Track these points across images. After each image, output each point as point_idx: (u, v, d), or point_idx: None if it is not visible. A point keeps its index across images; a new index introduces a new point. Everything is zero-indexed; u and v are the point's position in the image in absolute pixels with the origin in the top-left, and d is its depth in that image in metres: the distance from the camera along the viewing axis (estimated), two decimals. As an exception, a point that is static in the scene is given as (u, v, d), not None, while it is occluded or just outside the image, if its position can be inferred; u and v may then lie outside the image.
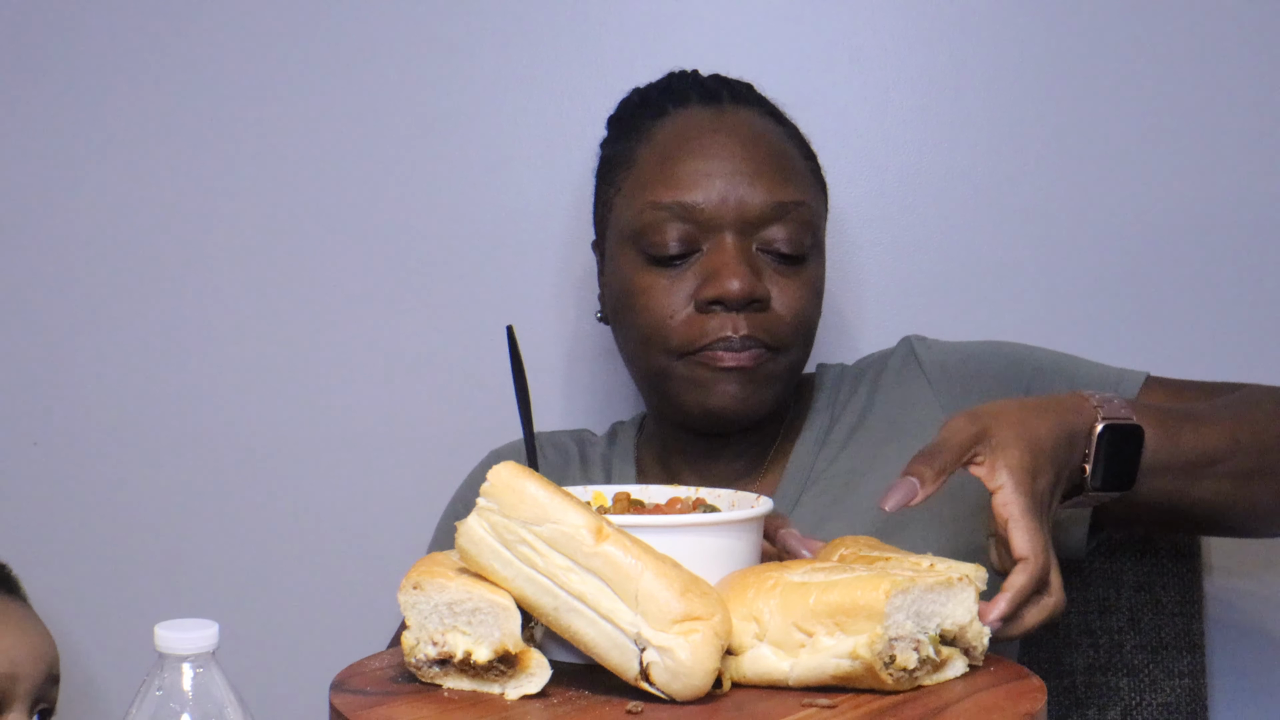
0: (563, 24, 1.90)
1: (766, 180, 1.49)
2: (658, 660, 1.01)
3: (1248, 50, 1.86)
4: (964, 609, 1.09)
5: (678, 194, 1.48)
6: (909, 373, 1.56)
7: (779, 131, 1.55)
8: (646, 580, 1.02)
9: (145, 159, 1.90)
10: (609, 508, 1.24)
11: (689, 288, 1.48)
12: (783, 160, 1.52)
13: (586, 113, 1.87)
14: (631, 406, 1.89)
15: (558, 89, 1.90)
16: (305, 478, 1.91)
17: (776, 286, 1.49)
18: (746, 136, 1.51)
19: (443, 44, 1.90)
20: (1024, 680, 1.10)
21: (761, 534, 1.19)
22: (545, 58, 1.90)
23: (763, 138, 1.52)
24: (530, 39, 1.90)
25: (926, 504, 1.17)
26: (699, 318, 1.47)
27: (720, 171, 1.49)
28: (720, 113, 1.53)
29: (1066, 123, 1.87)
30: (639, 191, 1.51)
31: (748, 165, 1.49)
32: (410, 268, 1.91)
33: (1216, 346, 1.87)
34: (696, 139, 1.51)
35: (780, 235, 1.49)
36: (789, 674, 1.07)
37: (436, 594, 1.06)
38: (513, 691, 1.05)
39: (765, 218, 1.48)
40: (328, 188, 1.91)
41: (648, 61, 1.87)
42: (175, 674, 0.99)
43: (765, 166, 1.50)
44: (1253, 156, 1.86)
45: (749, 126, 1.53)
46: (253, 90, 1.91)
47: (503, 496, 1.04)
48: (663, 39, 1.89)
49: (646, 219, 1.49)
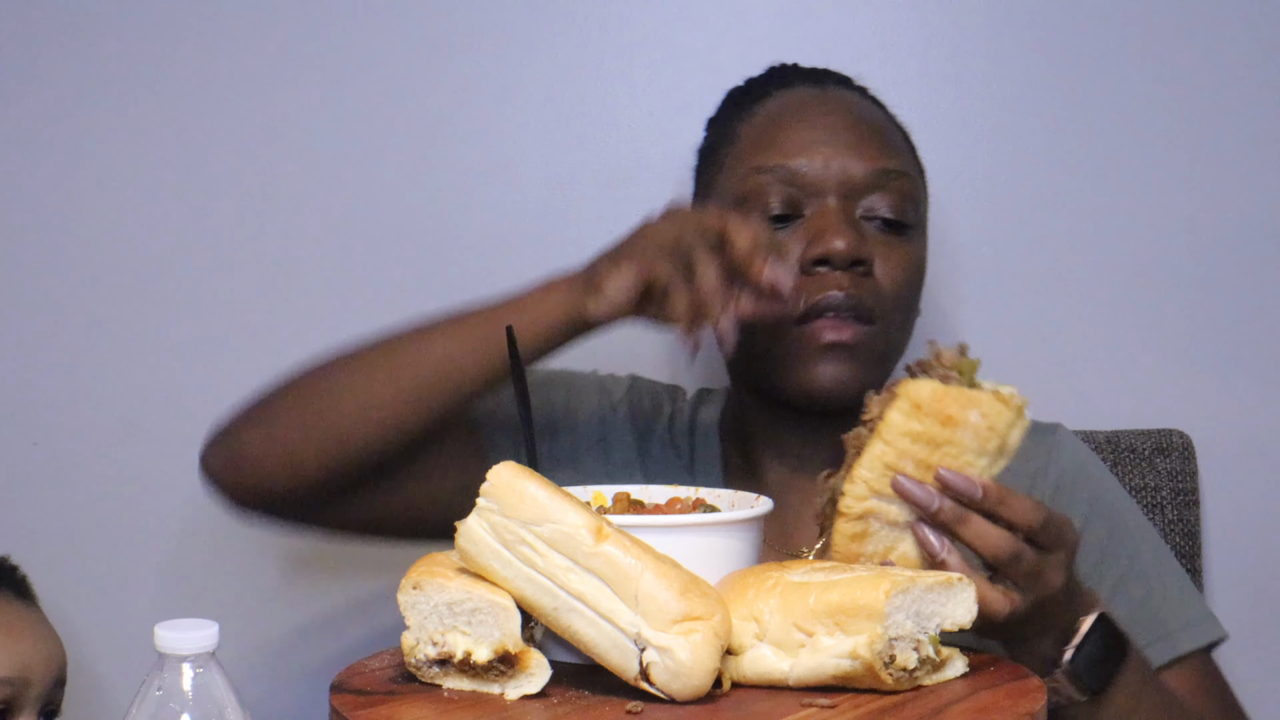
0: (563, 24, 1.90)
1: (870, 149, 1.48)
2: (658, 660, 1.01)
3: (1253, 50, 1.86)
4: (964, 608, 1.09)
5: (782, 158, 1.47)
6: (1035, 449, 1.51)
7: (883, 114, 1.55)
8: (646, 580, 1.02)
9: (145, 159, 1.90)
10: (609, 508, 1.24)
11: (793, 252, 1.45)
12: (886, 135, 1.52)
13: (587, 113, 1.87)
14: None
15: (558, 89, 1.90)
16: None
17: (879, 255, 1.46)
18: (850, 110, 1.52)
19: (443, 44, 1.90)
20: (1024, 680, 1.10)
21: (761, 534, 1.19)
22: (545, 58, 1.90)
23: (867, 113, 1.53)
24: (530, 39, 1.89)
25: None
26: (803, 280, 1.43)
27: (824, 139, 1.48)
28: (824, 90, 1.54)
29: (1066, 123, 1.87)
30: (741, 161, 1.50)
31: (851, 134, 1.49)
32: (410, 268, 1.90)
33: (1218, 345, 1.87)
34: (800, 110, 1.51)
35: (883, 203, 1.47)
36: (789, 674, 1.07)
37: (436, 594, 1.06)
38: (513, 691, 1.05)
39: (869, 184, 1.47)
40: (329, 189, 1.91)
41: (648, 61, 1.88)
42: (175, 674, 0.99)
43: (869, 137, 1.49)
44: (1254, 157, 1.86)
45: (853, 103, 1.53)
46: (253, 90, 1.90)
47: (503, 496, 1.05)
48: (663, 39, 1.89)
49: (750, 184, 1.48)
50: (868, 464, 1.15)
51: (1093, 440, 1.78)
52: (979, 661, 1.13)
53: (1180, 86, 1.87)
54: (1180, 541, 1.77)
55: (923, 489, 1.15)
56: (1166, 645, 1.47)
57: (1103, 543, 1.48)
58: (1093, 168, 1.88)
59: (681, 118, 1.86)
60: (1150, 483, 1.77)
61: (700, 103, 1.88)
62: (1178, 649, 1.48)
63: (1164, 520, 1.76)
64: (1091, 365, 1.87)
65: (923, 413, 1.15)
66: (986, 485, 1.15)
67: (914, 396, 1.15)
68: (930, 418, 1.15)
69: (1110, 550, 1.48)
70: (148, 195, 1.90)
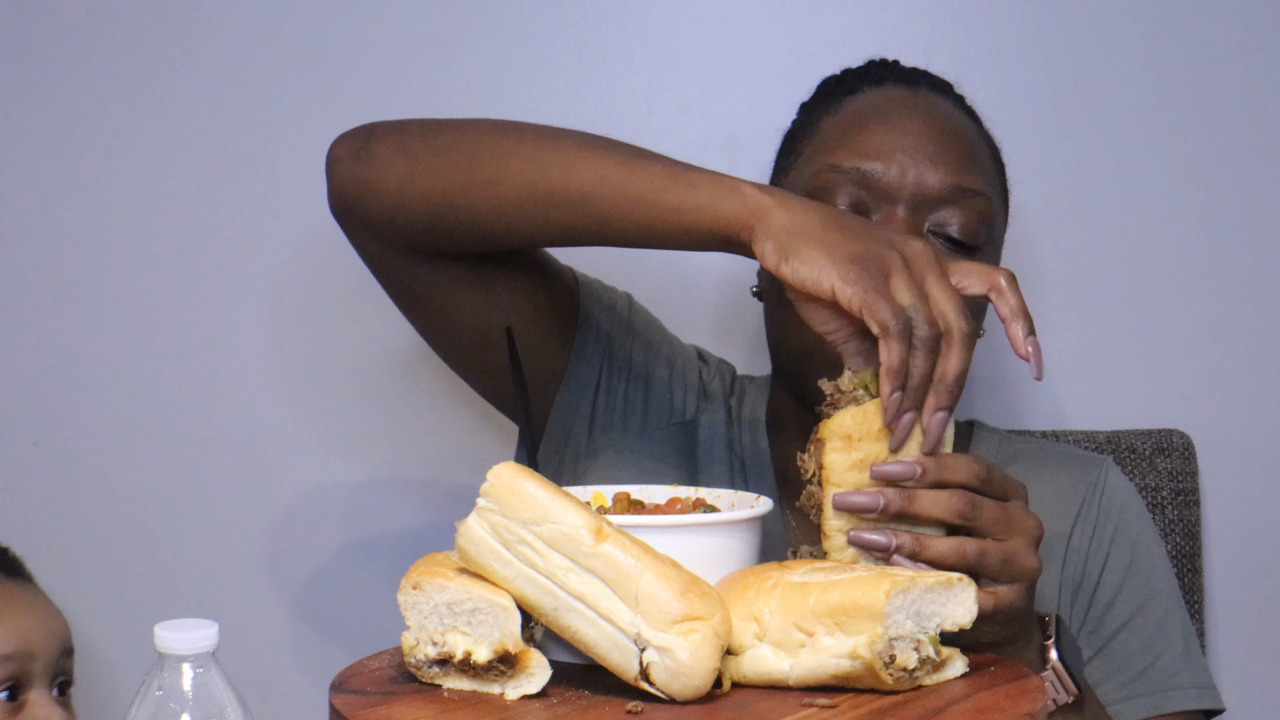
0: (563, 24, 1.90)
1: (949, 162, 1.43)
2: (658, 660, 1.01)
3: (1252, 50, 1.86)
4: (964, 609, 1.09)
5: (857, 160, 1.43)
6: (1078, 483, 1.50)
7: (972, 127, 1.50)
8: (646, 580, 1.02)
9: (146, 158, 1.90)
10: (609, 508, 1.24)
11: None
12: (970, 150, 1.46)
13: (587, 112, 1.87)
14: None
15: (558, 89, 1.90)
16: (306, 477, 1.91)
17: None
18: (936, 118, 1.46)
19: (443, 44, 1.90)
20: (1024, 680, 1.10)
21: (761, 534, 1.19)
22: (545, 58, 1.90)
23: (953, 124, 1.47)
24: (530, 39, 1.90)
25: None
26: None
27: (903, 145, 1.43)
28: (915, 93, 1.49)
29: (1066, 123, 1.88)
30: (818, 155, 1.46)
31: (932, 145, 1.43)
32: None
33: (1218, 346, 1.88)
34: (885, 112, 1.46)
35: (954, 220, 1.42)
36: (789, 674, 1.07)
37: (436, 594, 1.06)
38: (513, 691, 1.05)
39: (941, 199, 1.42)
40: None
41: (648, 61, 1.88)
42: (175, 674, 0.99)
43: (950, 150, 1.44)
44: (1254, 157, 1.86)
45: (942, 111, 1.48)
46: (254, 90, 1.90)
47: (503, 496, 1.04)
48: (663, 39, 1.89)
49: (821, 180, 1.44)
50: (831, 514, 1.16)
51: (1093, 440, 1.78)
52: (979, 661, 1.13)
53: (1181, 86, 1.87)
54: (1180, 541, 1.77)
55: (866, 496, 1.14)
56: (1160, 698, 1.45)
57: (1140, 594, 1.47)
58: (1093, 168, 1.88)
59: (681, 118, 1.86)
60: (1150, 483, 1.77)
61: (701, 102, 1.89)
62: (1170, 705, 1.45)
63: (1164, 520, 1.76)
64: (1091, 365, 1.88)
65: (854, 440, 1.15)
66: (921, 460, 1.14)
67: (840, 431, 1.15)
68: (864, 440, 1.15)
69: (1147, 600, 1.47)
70: (148, 195, 1.91)
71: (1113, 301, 1.87)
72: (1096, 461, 1.54)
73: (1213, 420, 1.85)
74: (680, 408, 1.56)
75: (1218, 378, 1.87)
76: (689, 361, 1.60)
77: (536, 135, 1.33)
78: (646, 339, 1.57)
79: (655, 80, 1.89)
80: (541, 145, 1.31)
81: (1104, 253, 1.87)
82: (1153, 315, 1.87)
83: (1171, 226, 1.87)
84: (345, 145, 1.39)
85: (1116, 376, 1.88)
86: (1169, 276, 1.87)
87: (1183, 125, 1.87)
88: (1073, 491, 1.50)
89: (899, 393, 1.13)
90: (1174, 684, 1.45)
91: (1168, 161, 1.87)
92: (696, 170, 1.24)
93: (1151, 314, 1.87)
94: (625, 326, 1.55)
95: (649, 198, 1.24)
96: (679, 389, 1.57)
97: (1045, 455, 1.56)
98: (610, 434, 1.53)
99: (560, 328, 1.50)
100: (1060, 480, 1.51)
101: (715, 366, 1.62)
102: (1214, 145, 1.86)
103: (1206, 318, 1.87)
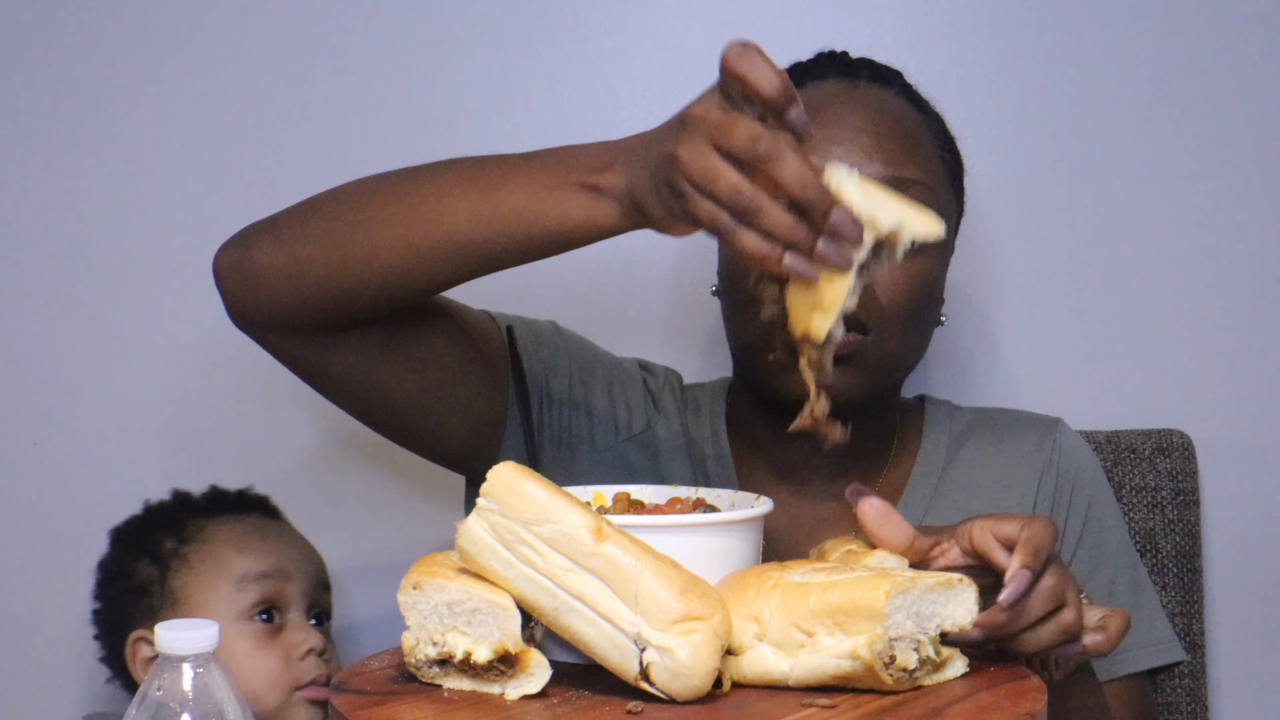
0: (563, 24, 1.90)
1: (885, 153, 1.42)
2: (658, 660, 1.01)
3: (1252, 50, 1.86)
4: (964, 609, 1.09)
5: None
6: (1037, 446, 1.53)
7: (916, 116, 1.49)
8: (646, 580, 1.02)
9: (146, 158, 1.90)
10: (609, 508, 1.24)
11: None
12: (909, 139, 1.45)
13: (587, 112, 1.87)
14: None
15: (558, 89, 1.90)
16: (305, 477, 1.91)
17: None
18: (874, 110, 1.45)
19: (443, 44, 1.90)
20: (1024, 680, 1.10)
21: (761, 534, 1.20)
22: (545, 58, 1.90)
23: (892, 114, 1.46)
24: (530, 39, 1.89)
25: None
26: None
27: (838, 139, 1.42)
28: (853, 86, 1.48)
29: (1067, 124, 1.87)
30: None
31: (867, 138, 1.42)
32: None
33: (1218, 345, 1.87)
34: (820, 107, 1.44)
35: None
36: (789, 674, 1.07)
37: (436, 594, 1.06)
38: (513, 691, 1.05)
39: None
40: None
41: (648, 61, 1.88)
42: (175, 674, 0.99)
43: (887, 141, 1.43)
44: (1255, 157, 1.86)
45: (880, 103, 1.46)
46: (254, 90, 1.90)
47: (503, 497, 1.05)
48: (663, 39, 1.89)
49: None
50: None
51: (1093, 440, 1.78)
52: (979, 661, 1.13)
53: (1182, 86, 1.87)
54: (1180, 541, 1.77)
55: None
56: (1128, 658, 1.48)
57: (1092, 556, 1.50)
58: (1093, 168, 1.88)
59: (681, 118, 1.85)
60: (1150, 483, 1.77)
61: (700, 103, 1.87)
62: (1137, 665, 1.49)
63: (1164, 520, 1.76)
64: (1091, 365, 1.88)
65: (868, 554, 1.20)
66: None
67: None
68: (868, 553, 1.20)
69: (1097, 563, 1.50)
70: (148, 195, 1.90)
71: (1113, 302, 1.87)
72: (1049, 424, 1.57)
73: (1213, 420, 1.85)
74: (626, 423, 1.55)
75: (1218, 378, 1.87)
76: (629, 377, 1.58)
77: (397, 191, 1.32)
78: (580, 362, 1.55)
79: (655, 80, 1.89)
80: (405, 200, 1.30)
81: (1104, 253, 1.87)
82: (1153, 315, 1.87)
83: (1172, 226, 1.87)
84: (226, 256, 1.38)
85: (1116, 376, 1.88)
86: (1169, 276, 1.87)
87: (1185, 125, 1.87)
88: (1034, 458, 1.53)
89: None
90: (1140, 644, 1.48)
91: (1168, 161, 1.87)
92: (551, 168, 1.24)
93: (1152, 314, 1.87)
94: (554, 354, 1.53)
95: (526, 223, 1.23)
96: (621, 409, 1.56)
97: (998, 425, 1.58)
98: (560, 463, 1.52)
99: (489, 374, 1.46)
100: (1019, 449, 1.54)
101: (663, 376, 1.61)
102: (1216, 145, 1.86)
103: (1206, 318, 1.87)
